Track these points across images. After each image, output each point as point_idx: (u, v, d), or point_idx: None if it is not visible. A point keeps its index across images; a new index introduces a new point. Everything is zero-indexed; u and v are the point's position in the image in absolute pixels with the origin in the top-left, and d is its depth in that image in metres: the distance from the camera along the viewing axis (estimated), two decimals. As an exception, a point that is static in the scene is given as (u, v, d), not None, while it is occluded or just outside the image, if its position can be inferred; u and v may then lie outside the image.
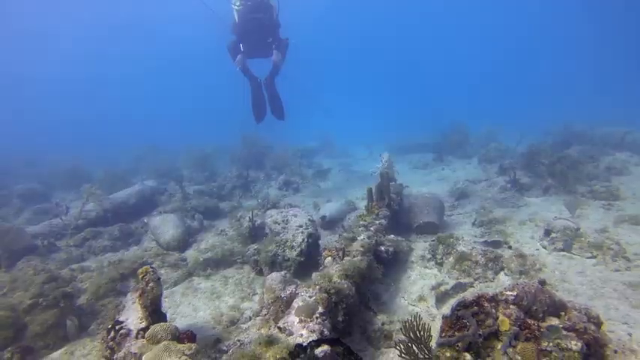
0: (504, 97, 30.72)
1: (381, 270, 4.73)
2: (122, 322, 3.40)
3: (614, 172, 8.94)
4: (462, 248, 5.10)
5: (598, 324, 2.88)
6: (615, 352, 2.84)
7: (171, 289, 5.73)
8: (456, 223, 7.05)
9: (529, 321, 2.59)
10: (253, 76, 9.26)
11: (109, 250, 7.06)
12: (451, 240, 5.31)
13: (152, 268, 3.46)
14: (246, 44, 8.87)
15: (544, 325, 2.58)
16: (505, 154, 11.45)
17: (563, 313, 2.84)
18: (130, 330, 3.26)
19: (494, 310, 2.60)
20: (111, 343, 3.20)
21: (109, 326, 3.36)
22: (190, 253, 6.57)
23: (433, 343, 2.61)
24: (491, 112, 22.01)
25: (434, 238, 5.59)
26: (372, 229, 5.69)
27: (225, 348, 3.55)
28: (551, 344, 2.47)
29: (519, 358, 2.41)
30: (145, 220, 7.57)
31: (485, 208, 7.26)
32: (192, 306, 5.24)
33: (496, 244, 5.35)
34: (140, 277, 3.37)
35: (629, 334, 3.38)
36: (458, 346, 2.40)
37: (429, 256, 5.57)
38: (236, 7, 8.75)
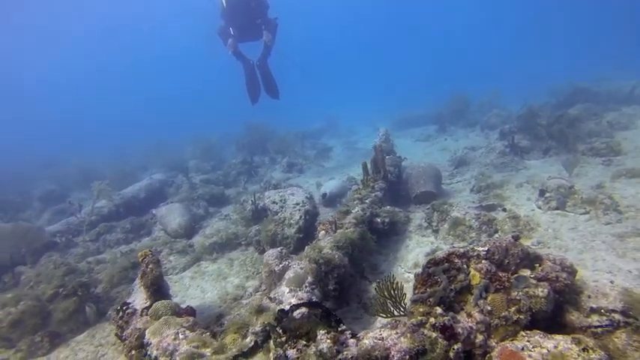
0: (511, 61, 29.71)
1: (374, 240, 4.88)
2: (129, 303, 3.68)
3: (618, 127, 8.76)
4: (456, 214, 5.20)
5: (572, 272, 2.98)
6: (589, 297, 2.95)
7: (181, 274, 6.04)
8: (454, 190, 7.12)
9: (500, 274, 2.71)
10: (246, 58, 9.43)
11: (122, 242, 7.42)
12: (445, 207, 5.41)
13: (151, 251, 3.71)
14: (236, 28, 8.97)
15: (514, 276, 2.70)
16: (507, 120, 11.28)
17: (537, 265, 2.96)
18: (135, 309, 3.53)
19: (465, 266, 2.73)
20: (120, 322, 3.49)
21: (118, 307, 3.64)
22: (197, 239, 6.86)
23: (408, 301, 2.77)
24: (496, 77, 21.42)
25: (428, 207, 5.69)
26: (367, 201, 5.82)
27: (225, 322, 3.81)
28: (520, 293, 2.61)
29: (489, 308, 2.56)
30: (154, 212, 7.89)
31: (484, 174, 7.28)
32: (200, 288, 5.53)
33: (490, 208, 5.42)
34: (140, 260, 3.62)
35: (611, 282, 3.48)
36: (429, 301, 2.56)
37: (425, 224, 5.69)
38: None
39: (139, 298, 3.74)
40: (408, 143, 13.13)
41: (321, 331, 2.40)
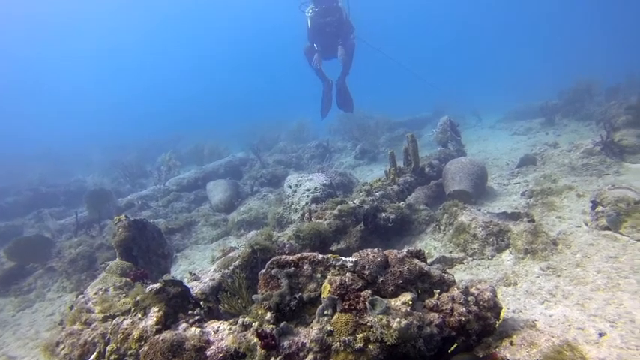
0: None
1: (356, 236, 4.50)
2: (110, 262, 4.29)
3: None
4: (462, 219, 4.37)
5: (490, 308, 2.26)
6: (511, 343, 2.19)
7: (207, 245, 6.67)
8: (505, 193, 5.91)
9: (362, 292, 2.24)
10: (326, 77, 9.98)
11: (185, 210, 8.55)
12: (455, 209, 4.59)
13: (126, 216, 4.23)
14: (320, 46, 9.41)
15: (369, 298, 2.20)
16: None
17: (437, 291, 2.34)
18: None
19: (319, 275, 2.35)
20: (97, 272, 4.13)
21: (102, 264, 4.30)
22: (232, 215, 7.42)
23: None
24: None
25: (440, 207, 4.92)
26: (377, 194, 5.35)
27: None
28: (375, 319, 2.12)
29: (330, 327, 2.17)
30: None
31: (549, 176, 5.80)
32: (212, 259, 6.04)
33: (513, 217, 4.36)
34: (114, 223, 4.18)
35: (600, 334, 2.51)
36: (264, 303, 2.31)
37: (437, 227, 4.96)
38: (309, 14, 9.26)
39: (119, 257, 4.32)
40: (504, 136, 11.35)
41: (154, 309, 2.43)
